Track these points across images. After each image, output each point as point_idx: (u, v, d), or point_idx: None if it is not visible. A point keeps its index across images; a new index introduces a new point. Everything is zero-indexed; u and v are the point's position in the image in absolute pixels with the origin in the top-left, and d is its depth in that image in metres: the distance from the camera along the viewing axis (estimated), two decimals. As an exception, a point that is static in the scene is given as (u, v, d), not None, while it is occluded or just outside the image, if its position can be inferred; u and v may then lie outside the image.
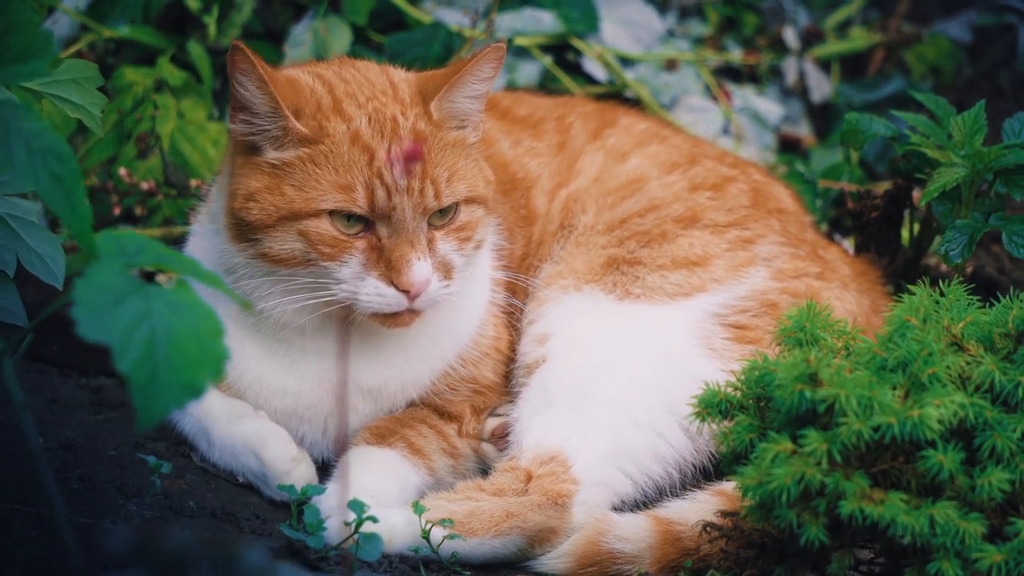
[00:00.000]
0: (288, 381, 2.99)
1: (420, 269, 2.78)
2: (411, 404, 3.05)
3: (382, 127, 2.82)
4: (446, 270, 2.85)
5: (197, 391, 2.02)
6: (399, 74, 2.96)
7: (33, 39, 2.23)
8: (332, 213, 2.79)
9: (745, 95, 4.22)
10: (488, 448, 3.04)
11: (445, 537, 2.72)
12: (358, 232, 2.80)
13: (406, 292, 2.78)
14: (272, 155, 2.82)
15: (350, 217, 2.79)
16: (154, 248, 2.12)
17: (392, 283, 2.78)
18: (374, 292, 2.79)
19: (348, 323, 2.87)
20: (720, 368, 2.91)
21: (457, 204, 2.86)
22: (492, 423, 3.06)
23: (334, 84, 2.88)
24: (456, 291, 2.87)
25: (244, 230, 2.83)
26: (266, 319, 2.91)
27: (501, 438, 3.02)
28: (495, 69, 2.89)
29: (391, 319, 2.84)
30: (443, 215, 2.85)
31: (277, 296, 2.86)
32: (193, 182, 3.64)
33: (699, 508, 2.76)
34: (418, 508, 2.72)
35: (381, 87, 2.89)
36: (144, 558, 1.92)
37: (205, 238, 3.03)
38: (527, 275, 3.18)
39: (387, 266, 2.78)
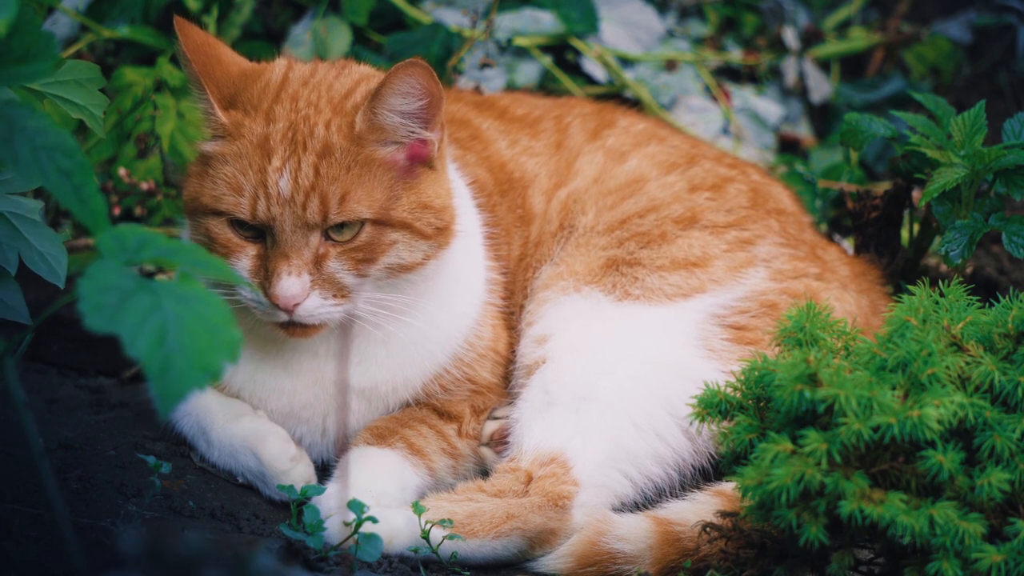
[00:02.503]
0: (282, 381, 2.99)
1: (288, 284, 2.76)
2: (406, 404, 3.05)
3: (295, 136, 2.79)
4: (337, 289, 2.81)
5: (214, 373, 2.02)
6: (373, 83, 2.89)
7: (36, 40, 2.24)
8: (227, 215, 2.80)
9: (745, 95, 4.22)
10: (487, 452, 3.03)
11: (445, 537, 2.72)
12: (251, 236, 2.81)
13: (275, 305, 2.77)
14: (204, 145, 2.86)
15: (242, 222, 2.80)
16: (155, 241, 2.13)
17: (267, 293, 2.78)
18: (254, 299, 2.79)
19: (348, 324, 2.87)
20: (720, 369, 2.91)
21: (362, 222, 2.81)
22: (491, 427, 3.05)
23: (292, 83, 2.88)
24: (349, 310, 2.82)
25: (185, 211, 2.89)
26: (252, 318, 2.91)
27: (500, 443, 3.02)
28: (419, 84, 2.77)
29: (286, 329, 2.84)
30: (340, 231, 2.81)
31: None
32: (193, 182, 3.63)
33: (699, 508, 2.76)
34: (418, 508, 2.72)
35: (336, 93, 2.86)
36: (154, 560, 1.92)
37: None
38: (524, 275, 3.18)
39: (266, 275, 2.78)
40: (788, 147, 4.28)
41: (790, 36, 4.35)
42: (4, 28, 2.15)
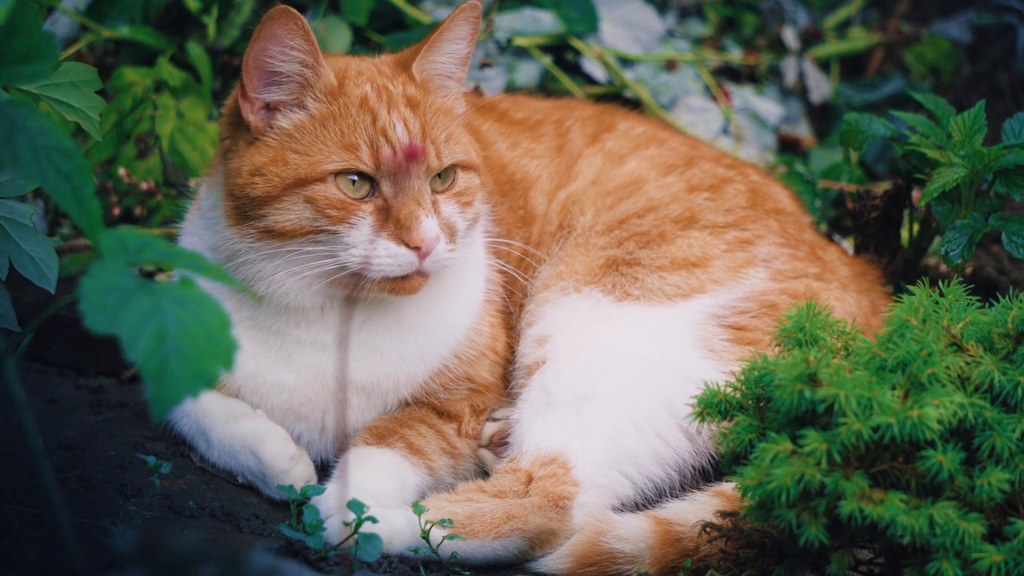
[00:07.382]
0: (283, 377, 2.99)
1: (429, 225, 2.81)
2: (404, 402, 3.06)
3: (379, 93, 2.88)
4: (451, 232, 2.88)
5: (209, 380, 2.03)
6: (376, 58, 3.03)
7: (36, 41, 2.23)
8: (338, 175, 2.81)
9: (744, 95, 4.22)
10: (486, 454, 3.03)
11: (445, 538, 2.72)
12: (364, 195, 2.83)
13: (417, 249, 2.80)
14: (284, 120, 2.86)
15: (356, 180, 2.81)
16: (156, 244, 2.13)
17: (403, 241, 2.80)
18: (384, 253, 2.81)
19: (349, 306, 2.87)
20: (720, 369, 2.91)
21: (455, 168, 2.90)
22: (490, 428, 3.05)
23: (329, 60, 2.95)
24: (460, 257, 2.91)
25: (248, 207, 2.85)
26: (261, 312, 2.91)
27: (499, 445, 3.02)
28: (471, 30, 2.95)
29: (399, 283, 2.85)
30: (443, 180, 2.90)
31: (280, 272, 2.86)
32: (192, 182, 3.64)
33: (699, 509, 2.76)
34: (418, 508, 2.72)
35: (367, 65, 2.97)
36: (151, 559, 1.92)
37: (195, 235, 3.04)
38: (525, 274, 3.18)
39: (396, 225, 2.81)
40: (788, 147, 4.28)
41: (790, 36, 4.35)
42: (2, 17, 2.14)
